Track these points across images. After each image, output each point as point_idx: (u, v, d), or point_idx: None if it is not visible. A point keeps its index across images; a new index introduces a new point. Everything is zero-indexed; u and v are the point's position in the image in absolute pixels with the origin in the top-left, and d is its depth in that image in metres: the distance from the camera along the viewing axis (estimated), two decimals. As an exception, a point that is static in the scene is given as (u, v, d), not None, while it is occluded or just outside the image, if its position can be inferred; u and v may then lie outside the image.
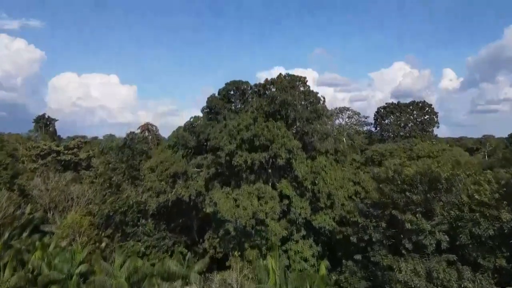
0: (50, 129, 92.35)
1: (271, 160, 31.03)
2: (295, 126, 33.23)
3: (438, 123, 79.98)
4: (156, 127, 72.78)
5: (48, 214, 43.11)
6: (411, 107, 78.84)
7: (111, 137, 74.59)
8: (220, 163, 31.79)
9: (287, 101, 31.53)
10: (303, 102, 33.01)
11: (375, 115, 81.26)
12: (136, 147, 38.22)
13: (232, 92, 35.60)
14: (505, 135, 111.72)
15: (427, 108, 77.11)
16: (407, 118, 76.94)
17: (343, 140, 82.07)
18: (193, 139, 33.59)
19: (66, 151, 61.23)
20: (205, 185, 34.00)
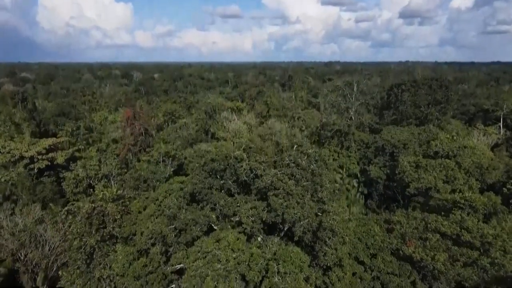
0: (28, 105, 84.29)
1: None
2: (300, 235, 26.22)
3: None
4: (142, 114, 64.88)
5: (18, 263, 38.15)
6: (428, 83, 70.26)
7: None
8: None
9: (293, 218, 24.48)
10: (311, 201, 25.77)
11: (387, 92, 72.87)
12: (109, 212, 31.86)
13: (221, 167, 28.05)
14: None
15: (445, 87, 68.63)
16: (424, 97, 68.63)
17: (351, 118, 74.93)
18: (172, 232, 27.12)
19: (40, 157, 54.74)
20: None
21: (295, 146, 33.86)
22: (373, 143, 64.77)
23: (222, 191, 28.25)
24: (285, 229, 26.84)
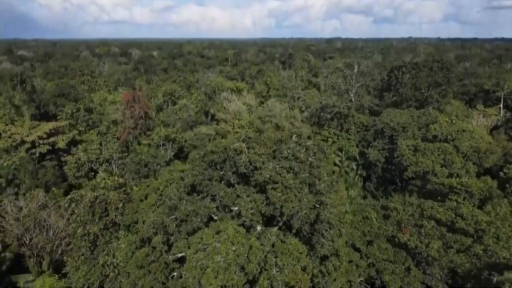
0: (27, 87, 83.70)
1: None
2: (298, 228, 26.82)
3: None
4: (142, 96, 64.62)
5: (24, 247, 39.09)
6: (429, 65, 69.79)
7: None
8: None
9: (291, 211, 24.99)
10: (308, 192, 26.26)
11: (388, 73, 72.52)
12: (111, 200, 32.43)
13: (220, 159, 28.38)
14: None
15: (446, 69, 68.24)
16: (424, 79, 68.31)
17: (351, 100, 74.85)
18: (173, 222, 27.68)
19: (41, 141, 55.07)
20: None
21: (294, 137, 34.16)
22: (373, 125, 64.97)
23: (222, 182, 28.76)
24: (284, 220, 27.50)
